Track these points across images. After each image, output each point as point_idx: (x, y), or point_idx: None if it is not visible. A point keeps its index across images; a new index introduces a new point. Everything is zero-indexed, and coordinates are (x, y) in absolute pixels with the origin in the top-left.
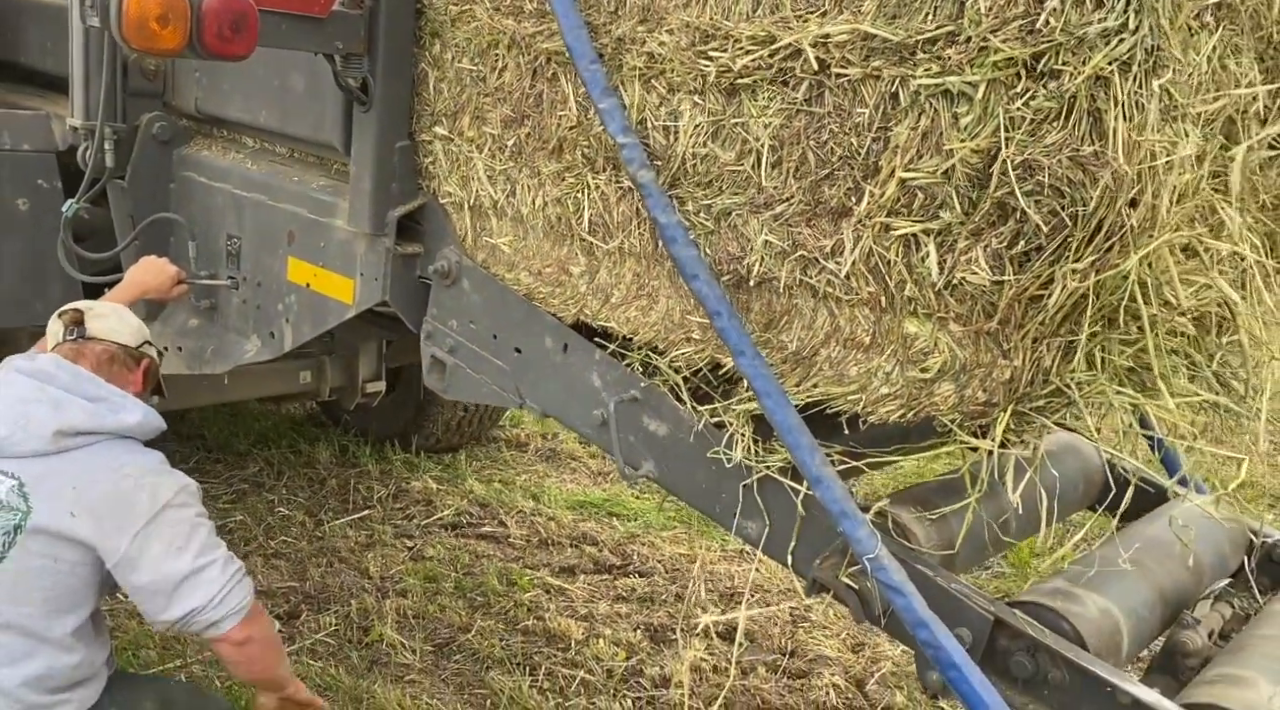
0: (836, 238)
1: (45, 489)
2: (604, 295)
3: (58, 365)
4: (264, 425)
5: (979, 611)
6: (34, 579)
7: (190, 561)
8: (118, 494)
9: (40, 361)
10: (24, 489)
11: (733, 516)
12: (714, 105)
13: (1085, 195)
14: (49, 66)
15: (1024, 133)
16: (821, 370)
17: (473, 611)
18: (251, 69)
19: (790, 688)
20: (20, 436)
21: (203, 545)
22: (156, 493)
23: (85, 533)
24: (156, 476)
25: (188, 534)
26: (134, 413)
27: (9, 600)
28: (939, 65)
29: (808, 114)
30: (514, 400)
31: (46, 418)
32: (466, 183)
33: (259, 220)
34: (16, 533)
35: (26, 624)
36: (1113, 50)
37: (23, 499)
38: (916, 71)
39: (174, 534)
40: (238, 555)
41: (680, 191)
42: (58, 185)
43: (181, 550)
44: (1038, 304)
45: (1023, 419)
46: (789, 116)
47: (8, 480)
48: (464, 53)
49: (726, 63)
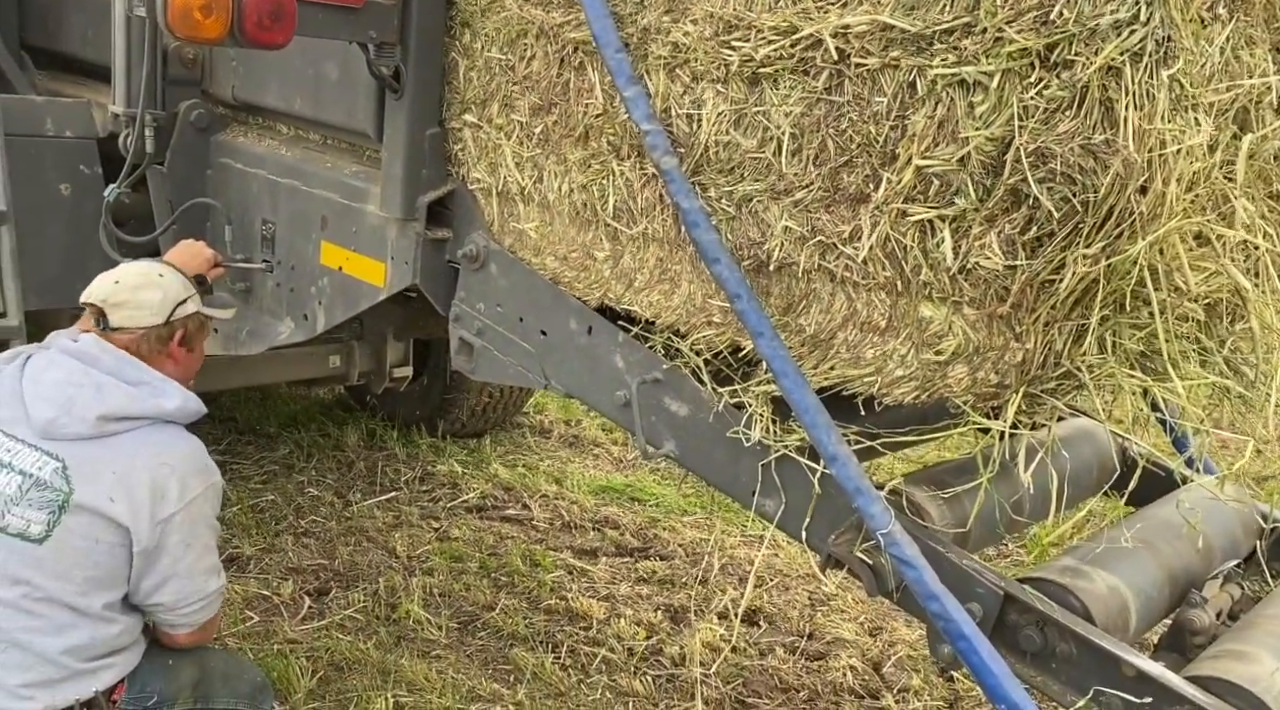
0: (854, 223)
1: (87, 472)
2: (628, 280)
3: (101, 348)
4: (294, 409)
5: (989, 587)
6: (76, 557)
7: (190, 564)
8: (153, 482)
9: (84, 343)
10: (67, 472)
11: (751, 494)
12: (736, 94)
13: (1096, 182)
14: (89, 55)
15: (1037, 121)
16: (839, 353)
17: (497, 590)
18: (287, 58)
19: (808, 669)
20: (64, 420)
21: (204, 547)
22: (186, 485)
23: (122, 515)
24: (190, 468)
25: (203, 536)
26: (173, 398)
27: (52, 576)
28: (955, 55)
29: (827, 103)
30: (539, 381)
31: (90, 402)
32: (495, 169)
33: (293, 205)
34: (61, 512)
35: (69, 599)
36: (1124, 41)
37: (65, 481)
38: (933, 61)
39: (192, 532)
40: (269, 533)
41: (703, 178)
42: (98, 171)
43: (189, 547)
44: (1049, 288)
45: (1034, 401)
46: (809, 105)
47: (52, 462)
48: (493, 42)
49: (749, 52)
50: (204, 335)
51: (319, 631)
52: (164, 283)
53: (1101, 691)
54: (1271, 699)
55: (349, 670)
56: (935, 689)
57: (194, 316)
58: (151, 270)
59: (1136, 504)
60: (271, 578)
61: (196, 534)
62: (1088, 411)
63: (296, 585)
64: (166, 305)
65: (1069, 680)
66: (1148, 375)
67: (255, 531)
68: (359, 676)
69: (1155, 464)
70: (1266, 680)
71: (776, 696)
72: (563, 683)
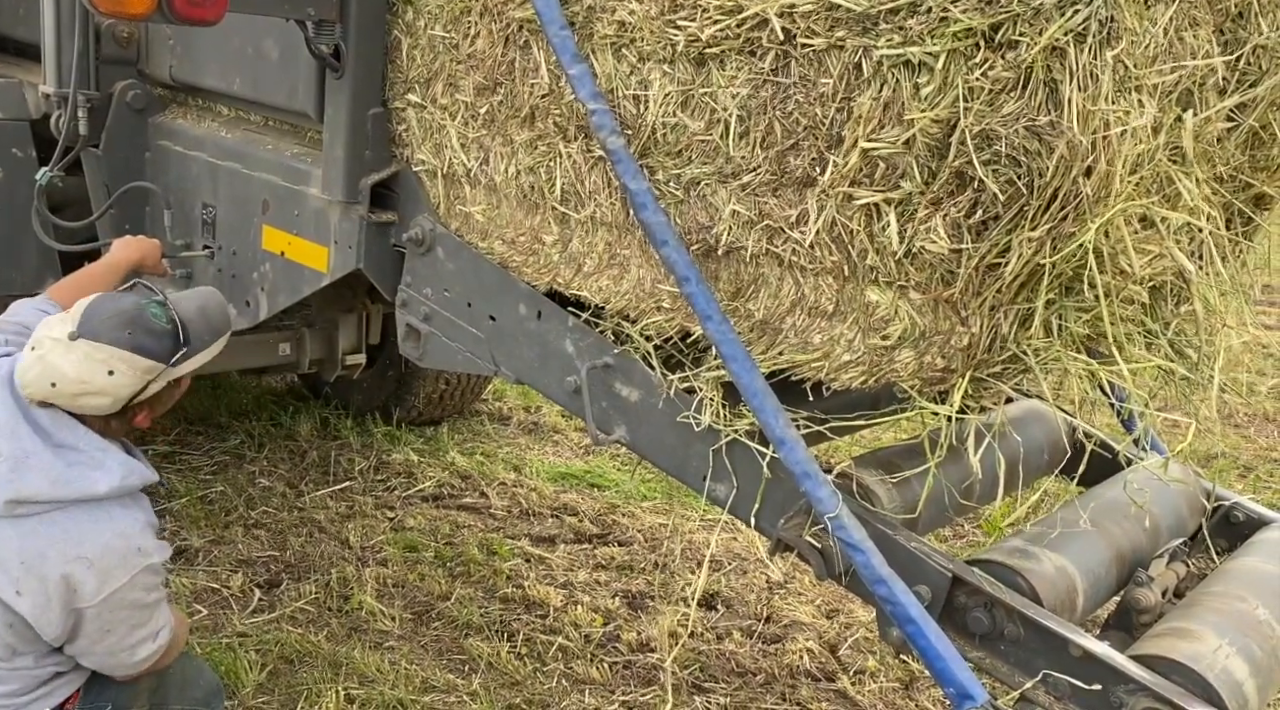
0: (801, 207)
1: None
2: (576, 264)
3: None
4: (245, 398)
5: (938, 569)
6: None
7: (111, 645)
8: (66, 578)
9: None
10: None
11: (703, 479)
12: (683, 74)
13: (1041, 165)
14: (21, 34)
15: (982, 103)
16: (787, 338)
17: (452, 580)
18: (225, 36)
19: (765, 652)
20: None
21: (129, 627)
22: (106, 578)
23: (26, 610)
24: (111, 561)
25: (127, 619)
26: (110, 475)
27: None
28: (901, 35)
29: (774, 84)
30: (489, 367)
31: (2, 481)
32: (440, 151)
33: (234, 189)
34: None
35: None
36: (1068, 21)
37: None
38: (879, 42)
39: (112, 620)
40: (218, 525)
41: (650, 161)
42: (32, 154)
43: (109, 632)
44: (995, 272)
45: (981, 385)
46: (756, 87)
47: None
48: (437, 20)
49: (695, 32)
50: (184, 384)
51: (269, 624)
52: (112, 385)
53: (1049, 674)
54: (1214, 676)
55: (299, 663)
56: (891, 670)
57: (161, 390)
58: (96, 371)
59: (1086, 484)
60: (221, 570)
61: (118, 620)
62: (1037, 394)
63: (246, 577)
64: (119, 403)
65: (1017, 661)
66: (1093, 359)
67: (204, 523)
68: (309, 669)
69: (1103, 445)
70: (1209, 658)
71: (733, 680)
72: (518, 672)
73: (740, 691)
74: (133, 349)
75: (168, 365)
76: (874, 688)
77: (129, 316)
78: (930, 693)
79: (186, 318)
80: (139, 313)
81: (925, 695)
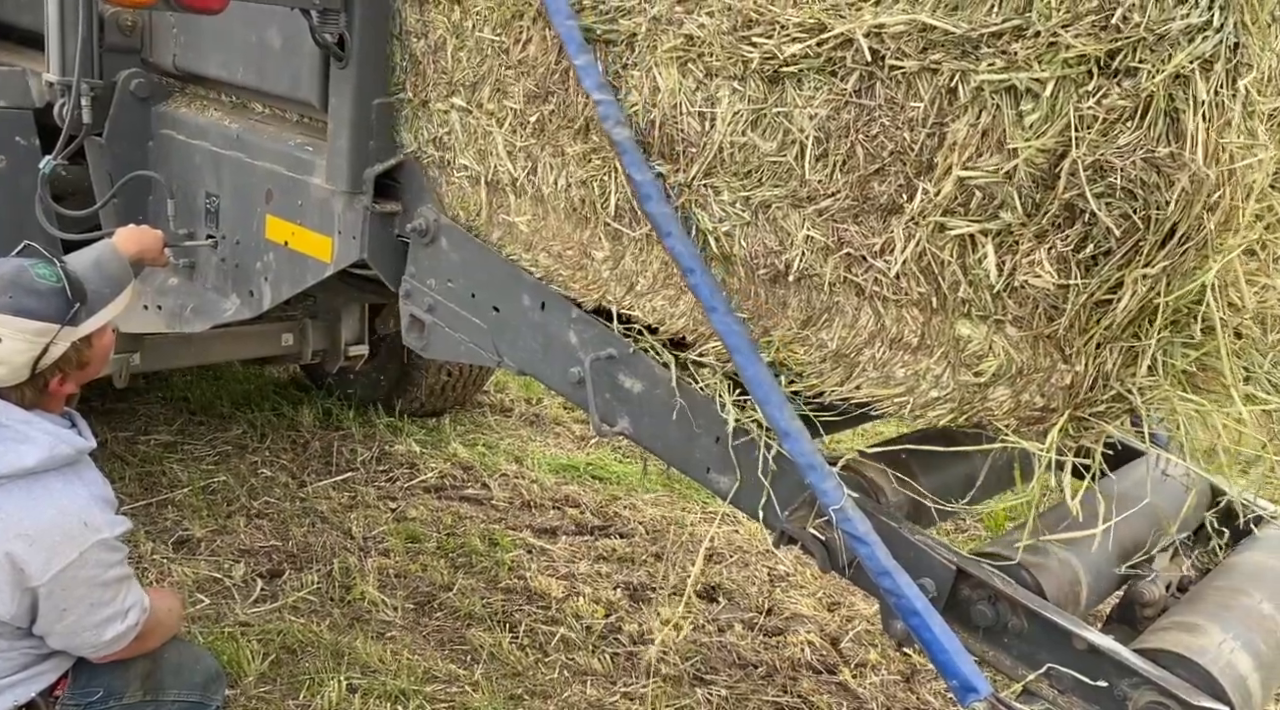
0: (886, 236)
1: None
2: (628, 282)
3: None
4: (247, 388)
5: (942, 562)
6: None
7: (71, 624)
8: (9, 559)
9: None
10: None
11: (705, 471)
12: (755, 93)
13: (1160, 198)
14: (25, 22)
15: (1095, 132)
16: (865, 371)
17: (454, 570)
18: (229, 25)
19: (766, 645)
20: None
21: (90, 606)
22: (53, 555)
23: None
24: (57, 537)
25: (86, 597)
26: (37, 448)
27: None
28: (1004, 60)
29: (857, 106)
30: (492, 358)
31: None
32: (484, 157)
33: (237, 178)
34: None
35: None
36: (1195, 48)
37: None
38: (979, 66)
39: (67, 598)
40: (220, 515)
41: (715, 181)
42: (35, 142)
43: (67, 611)
44: (1103, 308)
45: (1081, 424)
46: (836, 108)
47: None
48: (485, 22)
49: (771, 49)
50: (99, 342)
51: (271, 614)
52: (5, 352)
53: (1053, 667)
54: (1218, 670)
55: (301, 653)
56: (892, 663)
57: (69, 351)
58: None
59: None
60: (223, 560)
61: (75, 598)
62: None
63: (249, 567)
64: (20, 369)
65: (1021, 654)
66: (1203, 396)
67: (207, 513)
68: (311, 659)
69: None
70: (1214, 652)
71: (734, 672)
72: (520, 662)
73: (741, 684)
74: (14, 312)
75: (62, 324)
76: (875, 680)
77: (8, 280)
78: (931, 685)
79: (81, 275)
80: (18, 274)
81: (926, 688)
